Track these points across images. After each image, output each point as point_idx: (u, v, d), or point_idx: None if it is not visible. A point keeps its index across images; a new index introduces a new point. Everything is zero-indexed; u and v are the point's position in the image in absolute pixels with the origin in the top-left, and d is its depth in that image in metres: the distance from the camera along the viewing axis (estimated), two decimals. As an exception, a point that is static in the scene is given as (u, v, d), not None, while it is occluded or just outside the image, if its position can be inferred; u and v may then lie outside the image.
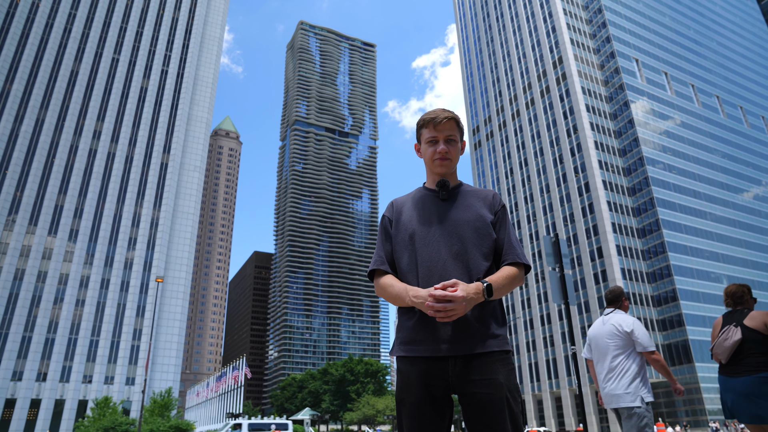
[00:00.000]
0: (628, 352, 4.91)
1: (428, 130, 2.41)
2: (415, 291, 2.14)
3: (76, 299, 73.62)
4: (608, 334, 5.03)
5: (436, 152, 2.39)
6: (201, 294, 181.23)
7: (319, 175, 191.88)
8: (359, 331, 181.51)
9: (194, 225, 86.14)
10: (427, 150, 2.43)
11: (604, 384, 5.01)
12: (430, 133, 2.40)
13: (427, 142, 2.42)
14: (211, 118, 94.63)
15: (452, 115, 2.40)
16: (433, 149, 2.40)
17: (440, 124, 2.37)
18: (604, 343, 5.06)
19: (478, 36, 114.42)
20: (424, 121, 2.41)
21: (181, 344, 78.71)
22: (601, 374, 5.09)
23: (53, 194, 76.66)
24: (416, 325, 2.21)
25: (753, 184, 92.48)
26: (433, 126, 2.39)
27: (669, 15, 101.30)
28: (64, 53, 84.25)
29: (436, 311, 2.02)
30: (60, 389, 69.11)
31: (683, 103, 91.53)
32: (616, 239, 74.85)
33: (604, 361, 5.06)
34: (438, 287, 2.04)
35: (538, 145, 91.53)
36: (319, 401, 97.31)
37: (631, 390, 4.76)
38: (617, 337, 4.92)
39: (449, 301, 2.00)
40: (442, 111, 2.40)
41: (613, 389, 4.88)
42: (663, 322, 72.66)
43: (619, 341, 4.94)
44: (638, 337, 4.87)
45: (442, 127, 2.38)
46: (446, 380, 2.14)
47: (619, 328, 4.96)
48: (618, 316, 5.08)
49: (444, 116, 2.38)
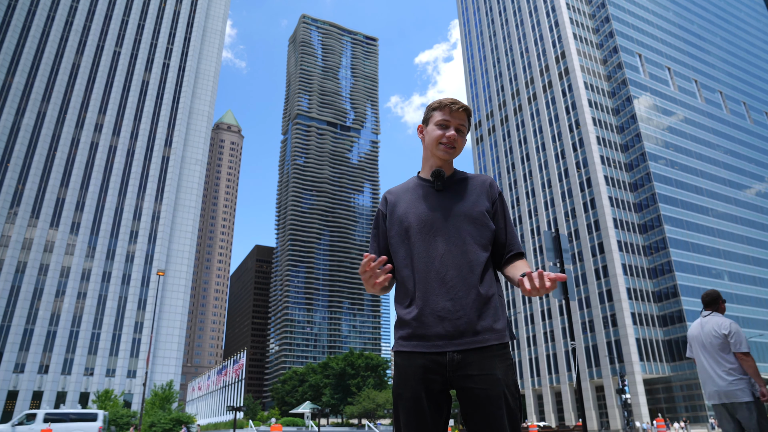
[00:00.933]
0: (728, 352, 5.30)
1: (442, 113, 2.36)
2: None
3: (78, 292, 73.82)
4: (707, 335, 5.40)
5: (444, 136, 2.33)
6: (202, 287, 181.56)
7: (321, 169, 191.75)
8: (360, 325, 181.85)
9: (195, 218, 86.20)
10: (435, 131, 2.36)
11: (709, 382, 5.37)
12: (444, 116, 2.35)
13: (438, 125, 2.36)
14: (212, 112, 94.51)
15: (468, 107, 2.38)
16: (441, 132, 2.34)
17: (456, 111, 2.34)
18: (706, 343, 5.45)
19: (481, 30, 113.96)
20: (440, 104, 2.37)
21: (182, 337, 78.94)
22: (705, 373, 5.45)
23: (55, 187, 76.73)
24: (413, 320, 2.17)
25: (755, 180, 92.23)
26: (450, 111, 2.34)
27: (672, 10, 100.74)
28: (65, 46, 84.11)
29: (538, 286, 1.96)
30: (62, 381, 69.43)
31: (686, 98, 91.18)
32: (617, 235, 74.77)
33: (707, 360, 5.43)
34: None
35: (540, 140, 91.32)
36: (320, 395, 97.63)
37: (742, 386, 5.12)
38: (717, 339, 5.27)
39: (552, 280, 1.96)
40: (458, 100, 2.37)
41: (723, 387, 5.23)
42: (663, 318, 72.65)
43: (719, 342, 5.31)
44: (734, 338, 5.22)
45: (457, 115, 2.34)
46: (444, 375, 2.11)
47: (717, 330, 5.33)
48: (716, 319, 5.43)
49: (461, 105, 2.35)
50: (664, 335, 72.19)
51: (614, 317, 70.91)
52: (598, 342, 72.07)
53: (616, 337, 69.93)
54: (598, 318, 73.06)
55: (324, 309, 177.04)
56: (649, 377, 70.50)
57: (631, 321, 69.54)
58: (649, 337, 70.85)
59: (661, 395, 72.49)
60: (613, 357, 69.59)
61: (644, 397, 66.30)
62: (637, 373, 66.93)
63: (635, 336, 68.99)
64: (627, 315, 69.50)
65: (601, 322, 72.49)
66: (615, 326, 70.51)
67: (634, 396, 65.27)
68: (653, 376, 70.52)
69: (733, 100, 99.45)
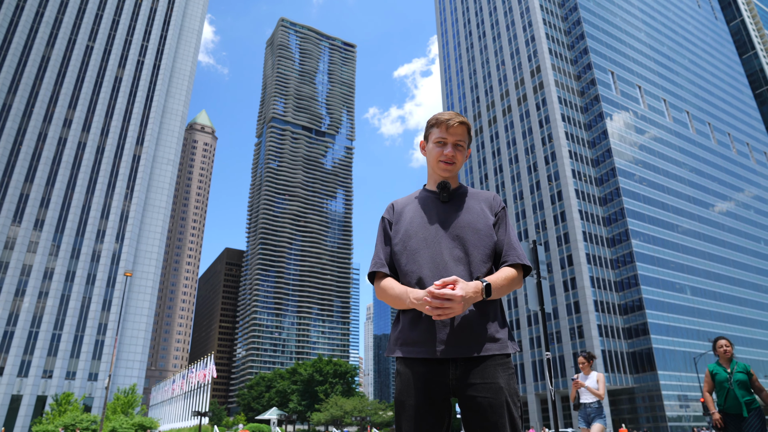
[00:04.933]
0: None
1: (439, 130, 2.38)
2: (414, 293, 2.11)
3: (39, 291, 71.54)
4: None
5: (442, 154, 2.37)
6: (170, 289, 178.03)
7: (294, 174, 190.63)
8: (329, 332, 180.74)
9: (165, 219, 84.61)
10: (434, 150, 2.40)
11: None
12: (441, 134, 2.37)
13: (435, 143, 2.40)
14: (186, 112, 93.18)
15: (465, 121, 2.38)
16: (439, 150, 2.38)
17: (452, 128, 2.35)
18: None
19: (459, 42, 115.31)
20: (437, 121, 2.39)
21: (147, 340, 77.18)
22: None
23: (18, 182, 74.39)
24: (417, 327, 2.19)
25: (718, 198, 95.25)
26: (446, 128, 2.36)
27: (644, 30, 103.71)
28: (35, 37, 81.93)
29: (434, 308, 1.98)
30: (17, 384, 66.98)
31: (655, 117, 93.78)
32: (586, 248, 76.19)
33: None
34: (438, 284, 2.01)
35: (513, 153, 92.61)
36: (287, 401, 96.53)
37: None
38: None
39: (448, 299, 1.97)
40: (456, 115, 2.37)
41: None
42: (629, 330, 74.21)
43: None
44: None
45: (454, 131, 2.36)
46: (446, 384, 2.13)
47: None
48: None
49: (458, 120, 2.35)
50: (628, 347, 73.70)
51: (581, 328, 72.11)
52: (565, 353, 73.14)
53: (582, 348, 71.09)
54: (565, 329, 74.19)
55: (293, 314, 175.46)
56: (614, 388, 71.84)
57: (597, 333, 70.81)
58: (614, 348, 72.25)
59: (624, 406, 73.90)
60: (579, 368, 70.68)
61: (608, 408, 67.50)
62: (602, 384, 68.06)
63: (601, 348, 70.26)
64: (593, 326, 70.77)
65: (569, 333, 73.63)
66: (581, 337, 71.69)
67: (599, 407, 66.34)
68: (617, 387, 71.88)
69: (699, 120, 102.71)
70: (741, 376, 6.15)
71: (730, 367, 6.28)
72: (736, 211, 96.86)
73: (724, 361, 6.38)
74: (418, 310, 2.14)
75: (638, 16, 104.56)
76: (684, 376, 71.16)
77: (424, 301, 2.00)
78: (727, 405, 6.14)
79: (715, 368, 6.39)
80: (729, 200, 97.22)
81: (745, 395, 6.08)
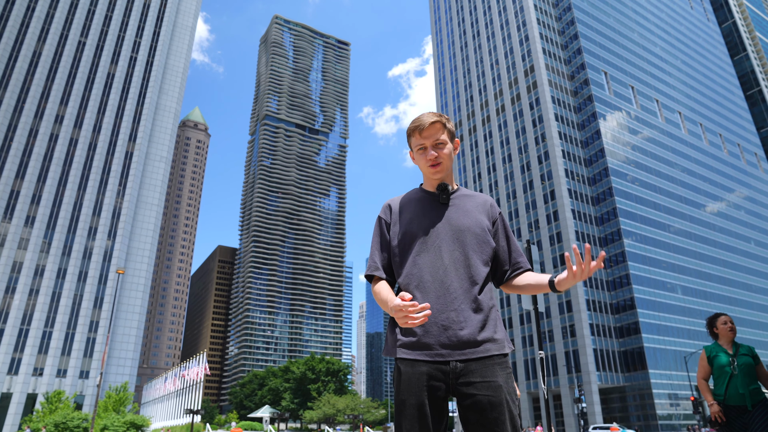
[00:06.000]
0: None
1: (415, 138, 2.39)
2: (393, 301, 2.02)
3: (30, 288, 71.04)
4: None
5: (426, 159, 2.38)
6: (162, 287, 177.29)
7: (288, 172, 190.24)
8: (322, 330, 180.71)
9: (158, 216, 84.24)
10: (419, 158, 2.41)
11: None
12: (418, 141, 2.39)
13: (417, 150, 2.41)
14: (179, 109, 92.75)
15: (437, 119, 2.37)
16: (423, 157, 2.39)
17: (425, 130, 2.36)
18: None
19: (453, 40, 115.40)
20: (412, 130, 2.39)
21: (139, 338, 76.87)
22: None
23: (9, 179, 73.80)
24: (418, 328, 2.21)
25: (709, 199, 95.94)
26: (419, 133, 2.37)
27: (637, 31, 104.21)
28: (26, 32, 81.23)
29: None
30: (7, 382, 66.52)
31: (648, 117, 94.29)
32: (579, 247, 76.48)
33: None
34: (406, 298, 1.97)
35: (506, 152, 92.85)
36: (280, 399, 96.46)
37: None
38: None
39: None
40: (428, 115, 2.37)
41: None
42: (620, 329, 74.67)
43: None
44: None
45: (428, 133, 2.36)
46: (447, 383, 2.17)
47: None
48: None
49: (429, 121, 2.35)
50: (620, 346, 74.16)
51: (573, 327, 72.48)
52: (557, 351, 73.51)
53: (575, 348, 71.48)
54: (557, 328, 74.55)
55: (286, 312, 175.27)
56: (605, 386, 72.29)
57: (589, 332, 71.21)
58: (605, 347, 72.67)
59: (615, 404, 74.37)
60: (570, 366, 71.10)
61: (599, 406, 67.90)
62: (594, 382, 68.53)
63: (593, 346, 70.67)
64: (585, 326, 71.14)
65: (560, 332, 73.99)
66: (573, 336, 72.06)
67: (590, 405, 66.80)
68: (609, 386, 72.33)
69: (691, 121, 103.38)
70: (747, 359, 4.98)
71: (732, 349, 5.11)
72: (727, 211, 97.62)
73: (726, 341, 5.18)
74: None
75: (632, 17, 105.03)
76: (675, 375, 71.74)
77: (395, 310, 1.98)
78: (729, 395, 4.96)
79: (715, 349, 5.17)
80: (720, 200, 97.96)
81: (750, 383, 4.91)
